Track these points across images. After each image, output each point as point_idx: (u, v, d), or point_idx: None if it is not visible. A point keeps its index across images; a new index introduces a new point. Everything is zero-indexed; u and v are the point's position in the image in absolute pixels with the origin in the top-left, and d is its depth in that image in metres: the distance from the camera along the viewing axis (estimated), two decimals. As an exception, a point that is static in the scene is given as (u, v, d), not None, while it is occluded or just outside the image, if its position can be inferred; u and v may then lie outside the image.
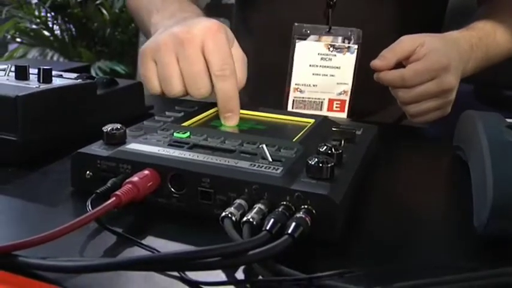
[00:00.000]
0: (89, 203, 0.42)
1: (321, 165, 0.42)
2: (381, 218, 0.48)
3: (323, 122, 0.60)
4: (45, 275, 0.34)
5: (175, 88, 0.60)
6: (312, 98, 0.77)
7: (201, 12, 0.80)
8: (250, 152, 0.47)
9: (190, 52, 0.58)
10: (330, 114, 0.76)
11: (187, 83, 0.59)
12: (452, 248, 0.43)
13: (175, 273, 0.35)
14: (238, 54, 0.62)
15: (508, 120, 0.55)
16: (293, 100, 0.77)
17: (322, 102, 0.77)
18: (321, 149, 0.46)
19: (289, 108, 0.77)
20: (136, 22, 0.96)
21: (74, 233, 0.37)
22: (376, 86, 0.75)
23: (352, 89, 0.77)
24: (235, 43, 0.64)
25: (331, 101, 0.77)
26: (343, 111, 0.78)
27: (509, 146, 0.47)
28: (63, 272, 0.34)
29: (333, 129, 0.54)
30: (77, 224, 0.37)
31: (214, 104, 0.65)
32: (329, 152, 0.46)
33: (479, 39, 0.80)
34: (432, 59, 0.72)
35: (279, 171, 0.43)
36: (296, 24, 0.76)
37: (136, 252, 0.38)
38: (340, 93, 0.77)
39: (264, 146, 0.47)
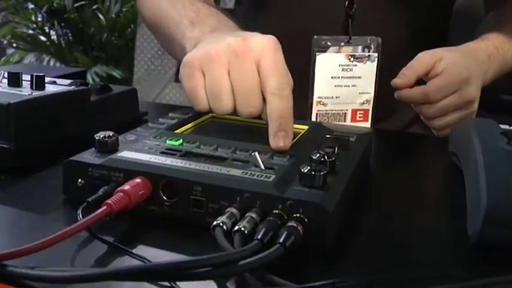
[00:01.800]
0: (79, 211, 0.41)
1: (313, 173, 0.42)
2: (374, 226, 0.47)
3: (316, 129, 0.59)
4: (34, 285, 0.34)
5: (226, 105, 0.54)
6: (335, 110, 0.77)
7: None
8: (243, 159, 0.47)
9: (245, 65, 0.53)
10: (354, 124, 0.76)
11: (238, 99, 0.54)
12: (446, 257, 0.43)
13: (166, 283, 0.34)
14: None
15: (503, 126, 0.55)
16: (316, 113, 0.76)
17: (345, 113, 0.77)
18: (313, 157, 0.46)
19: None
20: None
21: (64, 242, 0.37)
22: (383, 95, 0.75)
23: (374, 98, 0.77)
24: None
25: (354, 111, 0.77)
26: (367, 120, 0.77)
27: (503, 153, 0.47)
28: (52, 282, 0.34)
29: (326, 136, 0.54)
30: (67, 234, 0.37)
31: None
32: (322, 159, 0.45)
33: (496, 48, 0.80)
34: (452, 73, 0.72)
35: (271, 179, 0.43)
36: (315, 36, 0.75)
37: (127, 261, 0.38)
38: (362, 103, 0.77)
39: (257, 153, 0.47)
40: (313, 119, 0.77)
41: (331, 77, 0.76)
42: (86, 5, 2.83)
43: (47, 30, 2.89)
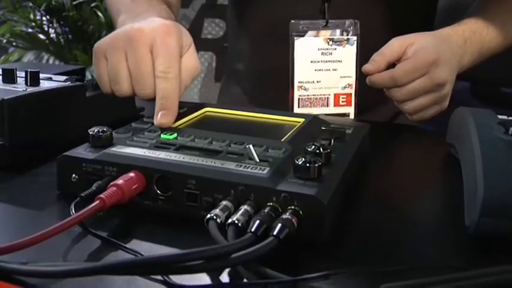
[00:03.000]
0: (72, 206, 0.41)
1: (308, 165, 0.42)
2: (370, 218, 0.47)
3: (313, 121, 0.59)
4: (26, 280, 0.34)
5: (123, 88, 0.59)
6: (317, 95, 0.76)
7: (171, 14, 0.81)
8: (237, 152, 0.46)
9: (139, 50, 0.57)
10: (337, 109, 0.76)
11: (134, 82, 0.59)
12: (443, 247, 0.42)
13: (159, 277, 0.34)
14: (189, 63, 0.61)
15: (500, 116, 0.54)
16: (298, 99, 0.76)
17: (327, 98, 0.76)
18: (308, 149, 0.46)
19: (295, 107, 0.76)
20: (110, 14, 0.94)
21: (57, 237, 0.37)
22: (368, 85, 0.75)
23: (356, 82, 0.76)
24: (191, 51, 0.63)
25: (336, 96, 0.76)
26: (350, 105, 0.77)
27: (500, 143, 0.47)
28: (44, 277, 0.33)
29: (322, 128, 0.53)
30: (59, 228, 0.36)
31: (203, 105, 0.65)
32: (317, 151, 0.45)
33: (473, 32, 0.80)
34: (421, 56, 0.72)
35: (265, 171, 0.42)
36: (293, 21, 0.75)
37: (120, 256, 0.38)
38: (345, 87, 0.76)
39: (251, 146, 0.46)
40: (295, 104, 0.76)
41: (311, 61, 0.76)
42: (84, 2, 2.82)
43: (46, 29, 2.88)
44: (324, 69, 0.76)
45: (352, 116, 0.76)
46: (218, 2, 2.28)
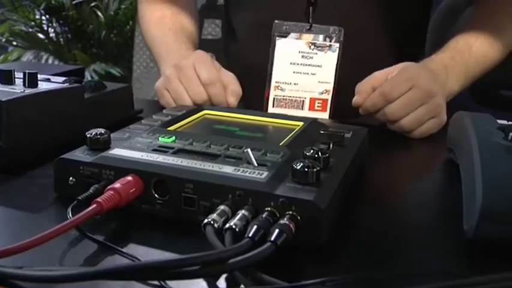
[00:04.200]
0: (69, 210, 0.41)
1: (306, 169, 0.41)
2: (369, 223, 0.47)
3: (312, 125, 0.59)
4: (21, 284, 0.33)
5: (186, 101, 0.77)
6: (293, 97, 0.77)
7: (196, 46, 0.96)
8: (236, 156, 0.46)
9: (187, 72, 0.78)
10: (312, 114, 0.76)
11: (191, 94, 0.77)
12: (442, 253, 0.42)
13: (156, 282, 0.34)
14: (226, 74, 0.80)
15: (500, 121, 0.54)
16: (274, 98, 0.76)
17: (303, 101, 0.77)
18: (307, 153, 0.45)
19: (270, 107, 0.76)
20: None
21: (53, 241, 0.36)
22: None
23: (334, 88, 0.77)
24: (222, 68, 0.81)
25: (312, 100, 0.77)
26: (325, 110, 0.77)
27: (499, 148, 0.46)
28: (39, 281, 0.33)
29: (321, 132, 0.53)
30: (56, 232, 0.36)
31: (202, 108, 0.65)
32: (315, 155, 0.45)
33: (452, 58, 0.81)
34: (405, 71, 0.74)
35: (263, 176, 0.42)
36: (276, 21, 0.75)
37: (117, 260, 0.38)
38: (322, 93, 0.77)
39: (249, 150, 0.46)
40: (270, 104, 0.77)
41: (290, 63, 0.76)
42: (84, 2, 2.83)
43: (46, 28, 2.88)
44: (302, 72, 0.76)
45: None
46: (218, 2, 2.27)
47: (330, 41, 0.75)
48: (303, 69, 0.76)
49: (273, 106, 0.77)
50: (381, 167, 0.62)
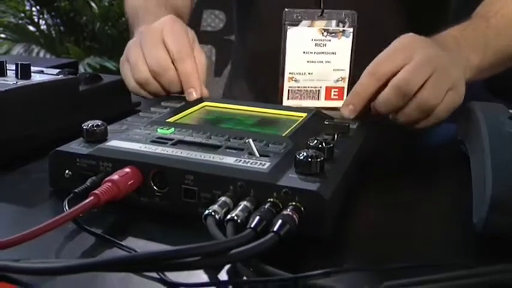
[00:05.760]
0: (65, 203, 0.42)
1: (309, 160, 0.42)
2: (374, 214, 0.48)
3: (316, 116, 0.60)
4: (18, 277, 0.34)
5: (143, 72, 0.70)
6: (308, 87, 0.77)
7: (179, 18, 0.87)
8: (237, 147, 0.47)
9: (151, 39, 0.70)
10: (328, 103, 0.76)
11: (149, 62, 0.70)
12: (449, 245, 0.43)
13: (155, 274, 0.35)
14: (198, 56, 0.72)
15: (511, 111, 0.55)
16: (288, 90, 0.77)
17: (319, 90, 0.77)
18: (311, 143, 0.46)
19: (285, 99, 0.76)
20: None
21: (50, 234, 0.38)
22: None
23: (350, 75, 0.77)
24: (196, 45, 0.74)
25: (328, 89, 0.77)
26: (342, 99, 0.77)
27: (511, 138, 0.47)
28: (36, 274, 0.34)
29: (325, 122, 0.54)
30: (52, 225, 0.37)
31: (202, 99, 0.66)
32: (319, 146, 0.46)
33: (463, 30, 0.75)
34: (399, 44, 0.66)
35: (265, 166, 0.43)
36: (286, 9, 0.76)
37: (115, 253, 0.39)
38: (337, 80, 0.77)
39: (251, 140, 0.47)
40: (285, 96, 0.77)
41: (303, 52, 0.76)
42: (77, -8, 2.83)
43: (36, 20, 2.89)
44: (316, 61, 0.76)
45: None
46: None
47: (343, 26, 0.76)
48: (317, 58, 0.76)
49: (288, 98, 0.77)
50: (388, 158, 0.63)
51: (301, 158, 0.43)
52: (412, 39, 0.67)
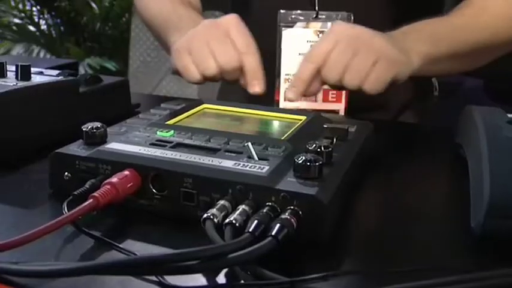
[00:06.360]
0: (64, 205, 0.42)
1: (308, 164, 0.43)
2: (372, 218, 0.48)
3: (315, 119, 0.60)
4: (16, 280, 0.35)
5: (211, 68, 0.70)
6: None
7: None
8: (236, 150, 0.47)
9: (218, 34, 0.71)
10: (326, 105, 0.76)
11: (220, 60, 0.70)
12: (447, 249, 0.43)
13: (154, 278, 0.35)
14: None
15: (510, 115, 0.55)
16: (285, 92, 0.77)
17: None
18: (309, 147, 0.47)
19: (281, 101, 0.77)
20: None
21: (49, 236, 0.38)
22: None
23: None
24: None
25: (325, 92, 0.76)
26: (340, 101, 0.77)
27: (508, 143, 0.47)
28: (35, 277, 0.34)
29: (324, 126, 0.54)
30: (51, 228, 0.38)
31: (201, 101, 0.66)
32: (318, 150, 0.46)
33: (412, 26, 0.76)
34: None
35: (264, 170, 0.43)
36: (281, 11, 0.76)
37: (114, 256, 0.39)
38: None
39: (250, 144, 0.47)
40: (281, 97, 0.77)
41: (299, 54, 0.75)
42: (77, -8, 2.83)
43: (36, 20, 2.89)
44: None
45: (342, 113, 0.76)
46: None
47: None
48: None
49: (285, 100, 0.77)
50: (387, 162, 0.63)
51: (300, 162, 0.43)
52: (344, 24, 0.72)
